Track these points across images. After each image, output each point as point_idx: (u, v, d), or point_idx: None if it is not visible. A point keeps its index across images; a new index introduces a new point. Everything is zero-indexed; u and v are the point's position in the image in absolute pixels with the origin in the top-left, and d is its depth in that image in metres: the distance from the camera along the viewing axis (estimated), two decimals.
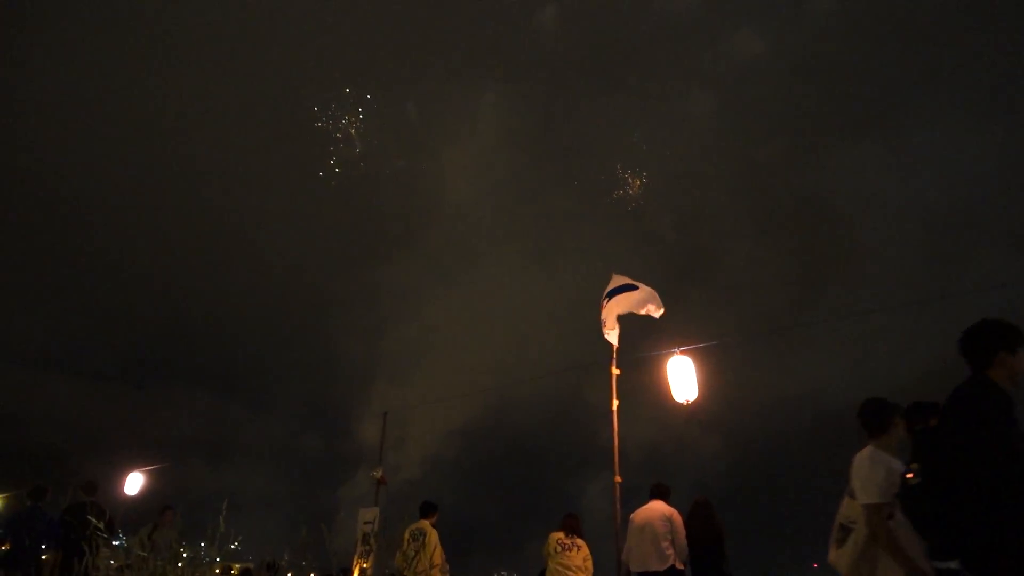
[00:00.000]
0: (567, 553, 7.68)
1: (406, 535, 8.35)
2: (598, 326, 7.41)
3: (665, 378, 7.20)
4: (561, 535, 7.80)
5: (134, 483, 13.70)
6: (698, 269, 26.16)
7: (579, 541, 7.77)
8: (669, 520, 7.06)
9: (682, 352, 6.95)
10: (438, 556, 8.33)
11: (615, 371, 7.61)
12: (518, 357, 26.80)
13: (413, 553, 7.98)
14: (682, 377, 6.82)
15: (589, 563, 7.57)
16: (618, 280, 7.41)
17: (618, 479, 7.29)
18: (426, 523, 8.53)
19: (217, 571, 10.27)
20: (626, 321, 7.63)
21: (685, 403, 6.71)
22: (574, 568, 7.54)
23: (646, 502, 7.38)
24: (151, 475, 13.94)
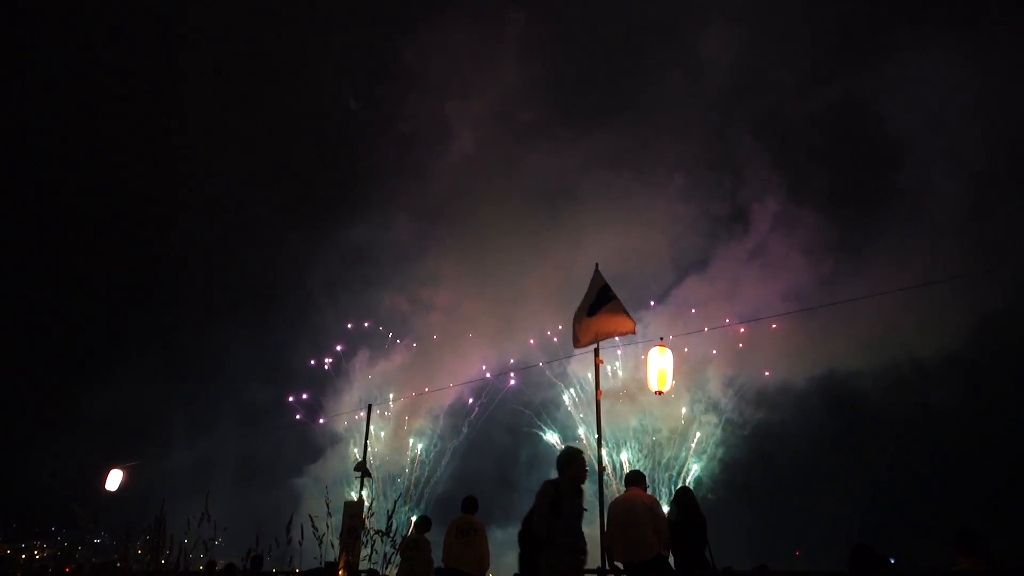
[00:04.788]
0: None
1: (451, 530, 9.03)
2: (571, 329, 7.87)
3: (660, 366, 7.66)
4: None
5: (115, 479, 14.29)
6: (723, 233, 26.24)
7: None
8: (650, 509, 7.33)
9: (661, 343, 7.44)
10: (486, 549, 9.05)
11: (598, 361, 8.16)
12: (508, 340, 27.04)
13: (466, 547, 8.70)
14: (659, 368, 7.30)
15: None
16: (599, 281, 7.86)
17: (602, 466, 7.88)
18: (472, 518, 9.17)
19: (200, 567, 10.82)
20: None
21: (658, 393, 7.20)
22: None
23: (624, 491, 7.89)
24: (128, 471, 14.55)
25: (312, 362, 28.48)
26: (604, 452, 25.17)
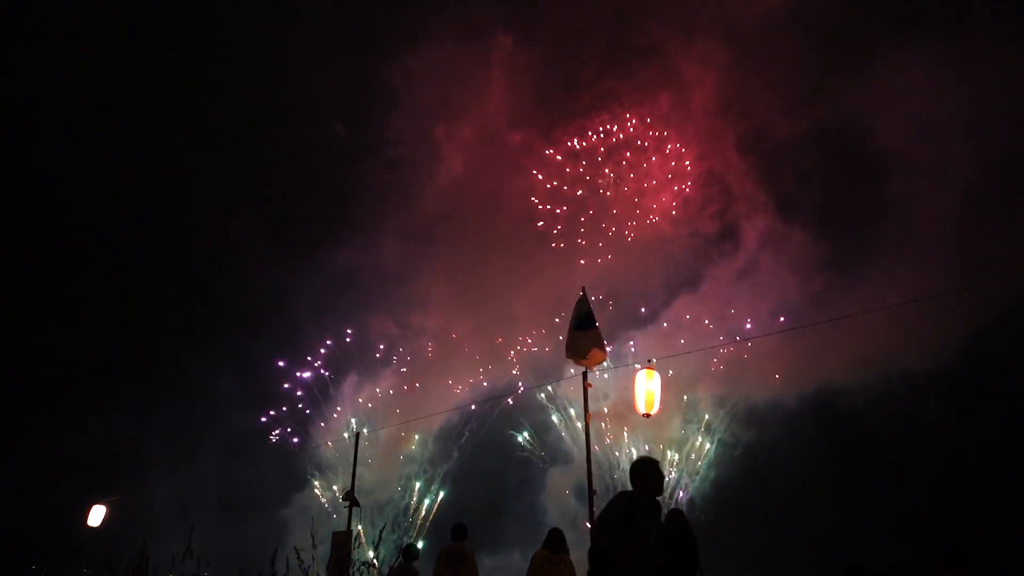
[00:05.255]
0: (552, 569, 8.10)
1: (440, 558, 8.97)
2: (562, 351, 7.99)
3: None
4: (545, 552, 8.22)
5: (97, 515, 14.10)
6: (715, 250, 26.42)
7: (565, 558, 8.30)
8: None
9: (648, 366, 7.52)
10: None
11: (587, 385, 8.21)
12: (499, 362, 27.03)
13: (455, 573, 8.63)
14: (646, 390, 7.37)
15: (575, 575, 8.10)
16: (583, 306, 7.97)
17: (594, 489, 7.90)
18: (462, 546, 9.10)
19: None
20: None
21: (645, 415, 7.26)
22: None
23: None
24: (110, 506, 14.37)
25: (298, 390, 28.32)
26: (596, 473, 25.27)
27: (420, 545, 22.18)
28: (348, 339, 29.10)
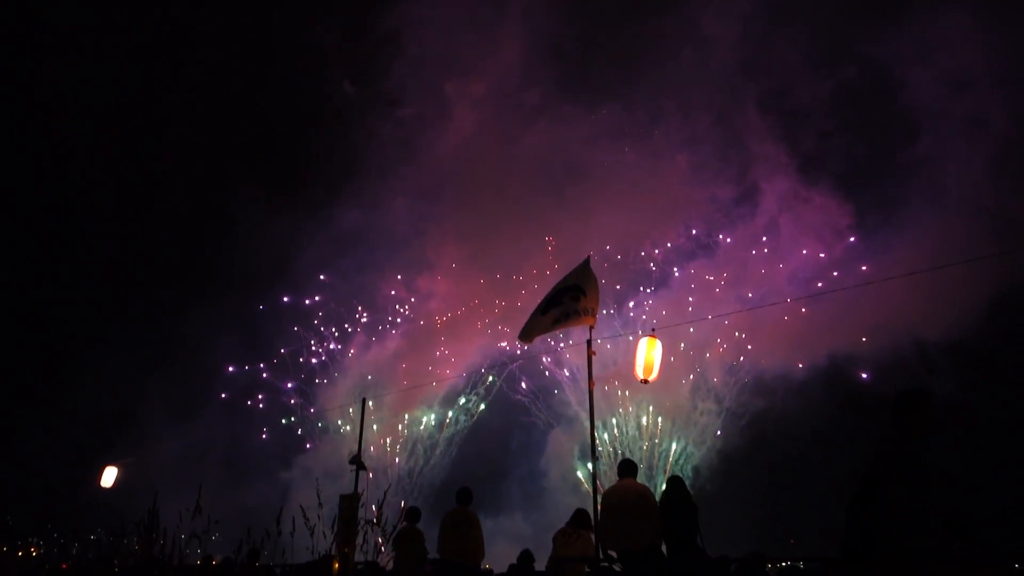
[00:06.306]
0: (567, 540, 8.74)
1: (446, 521, 9.32)
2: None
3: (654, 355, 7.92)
4: (566, 528, 8.93)
5: (109, 476, 14.56)
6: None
7: (584, 533, 8.68)
8: (643, 498, 7.60)
9: (650, 334, 7.64)
10: (481, 540, 9.35)
11: (591, 352, 8.36)
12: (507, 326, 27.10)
13: (461, 538, 9.01)
14: (646, 356, 7.52)
15: (589, 549, 8.43)
16: (581, 274, 8.05)
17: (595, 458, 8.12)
18: (467, 509, 9.43)
19: (198, 562, 11.08)
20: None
21: (643, 381, 7.43)
22: (571, 553, 8.60)
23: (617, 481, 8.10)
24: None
25: (302, 355, 28.63)
26: (602, 438, 25.67)
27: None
28: (355, 300, 29.30)
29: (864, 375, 24.39)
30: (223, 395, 28.81)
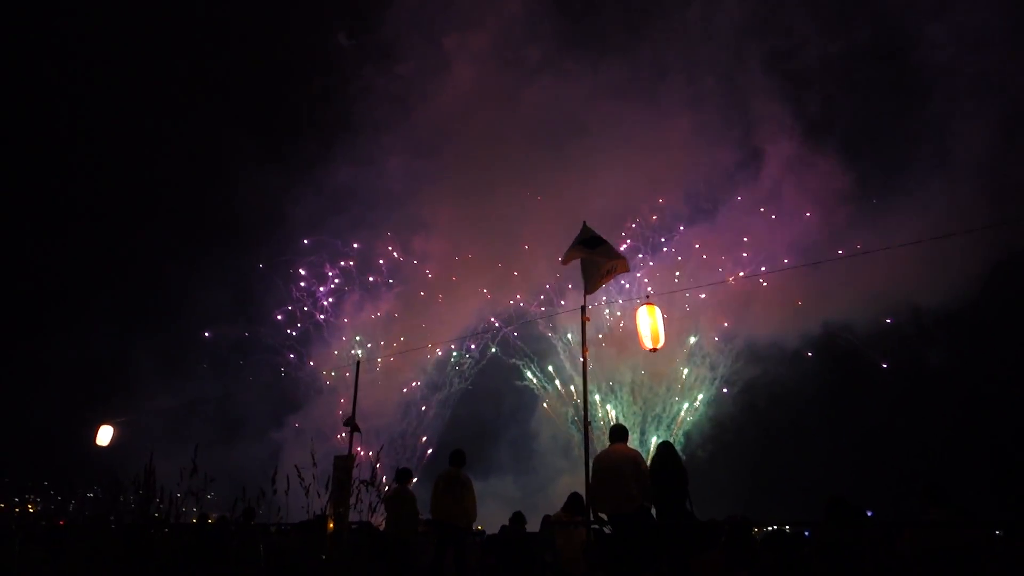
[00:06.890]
0: (568, 534, 9.02)
1: (439, 483, 9.47)
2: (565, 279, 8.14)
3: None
4: (560, 514, 9.26)
5: (105, 435, 14.71)
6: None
7: (580, 522, 8.77)
8: (634, 462, 7.71)
9: (647, 302, 7.67)
10: (474, 502, 9.51)
11: (585, 318, 8.42)
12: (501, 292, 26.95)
13: (454, 500, 9.19)
14: (649, 325, 7.55)
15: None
16: (587, 232, 8.04)
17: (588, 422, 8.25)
18: (461, 471, 9.57)
19: (194, 520, 11.27)
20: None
21: (652, 350, 7.48)
22: (573, 547, 8.77)
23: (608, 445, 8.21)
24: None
25: (295, 311, 28.56)
26: (597, 402, 25.96)
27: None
28: (349, 259, 29.12)
29: (857, 343, 24.56)
30: (214, 353, 28.88)
